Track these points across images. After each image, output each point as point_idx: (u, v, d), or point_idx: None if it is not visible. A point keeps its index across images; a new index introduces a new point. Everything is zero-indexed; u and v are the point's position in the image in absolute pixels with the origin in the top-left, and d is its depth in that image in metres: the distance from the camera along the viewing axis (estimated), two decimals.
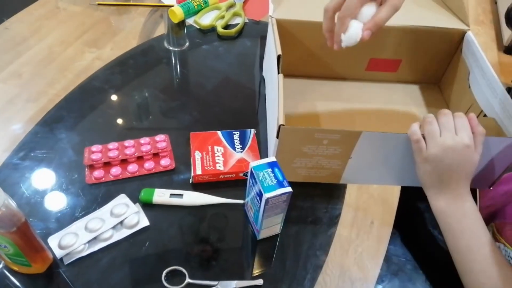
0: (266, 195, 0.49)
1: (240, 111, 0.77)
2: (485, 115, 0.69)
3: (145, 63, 0.86)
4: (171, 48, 0.91)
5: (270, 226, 0.56)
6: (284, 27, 0.74)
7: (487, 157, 0.60)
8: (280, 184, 0.50)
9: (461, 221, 0.55)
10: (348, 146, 0.59)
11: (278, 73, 0.64)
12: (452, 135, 0.53)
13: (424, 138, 0.55)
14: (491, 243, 0.52)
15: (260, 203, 0.51)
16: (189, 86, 0.83)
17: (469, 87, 0.73)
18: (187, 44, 0.92)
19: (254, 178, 0.52)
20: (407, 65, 0.83)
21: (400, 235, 0.64)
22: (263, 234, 0.57)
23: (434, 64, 0.83)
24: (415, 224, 0.68)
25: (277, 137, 0.57)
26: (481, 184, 0.67)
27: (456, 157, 0.54)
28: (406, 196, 0.66)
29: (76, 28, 0.92)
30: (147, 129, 0.72)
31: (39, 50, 0.86)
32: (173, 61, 0.88)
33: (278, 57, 0.64)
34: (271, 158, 0.53)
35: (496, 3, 1.48)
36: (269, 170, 0.51)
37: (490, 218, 0.66)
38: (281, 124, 0.55)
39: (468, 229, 0.54)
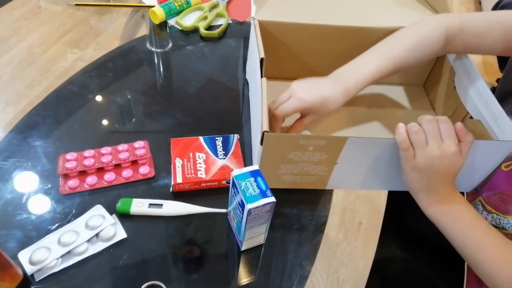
0: (249, 206, 0.47)
1: (224, 115, 0.75)
2: (471, 117, 0.68)
3: (125, 66, 0.83)
4: (153, 49, 0.88)
5: (253, 237, 0.54)
6: (267, 29, 0.72)
7: (474, 160, 0.59)
8: (263, 194, 0.48)
9: (458, 219, 0.55)
10: (334, 152, 0.57)
11: (262, 76, 0.62)
12: (439, 143, 0.52)
13: (411, 145, 0.54)
14: (492, 228, 0.53)
15: (243, 214, 0.49)
16: (170, 89, 0.80)
17: (454, 88, 0.73)
18: (170, 45, 0.89)
19: (236, 188, 0.49)
20: None
21: (389, 234, 0.63)
22: (246, 244, 0.55)
23: (419, 66, 0.81)
24: (403, 221, 0.67)
25: (261, 143, 0.55)
26: (467, 187, 0.66)
27: (444, 163, 0.53)
28: (394, 197, 0.65)
29: (58, 29, 0.89)
30: (126, 135, 0.69)
31: (19, 51, 0.83)
32: (155, 63, 0.85)
33: (261, 60, 0.62)
34: (254, 167, 0.51)
35: (480, 3, 1.49)
36: (252, 179, 0.49)
37: (476, 193, 0.66)
38: (265, 131, 0.53)
39: (467, 224, 0.54)
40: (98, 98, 0.75)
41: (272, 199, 0.48)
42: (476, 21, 0.62)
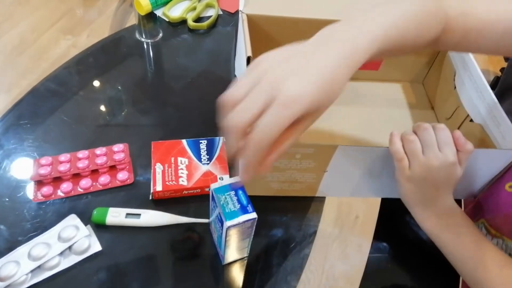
0: (228, 223, 0.43)
1: (211, 115, 0.70)
2: (471, 120, 0.64)
3: (108, 60, 0.78)
4: (143, 39, 0.83)
5: (235, 251, 0.51)
6: (256, 23, 0.68)
7: (473, 168, 0.56)
8: (244, 210, 0.44)
9: (457, 235, 0.52)
10: (323, 160, 0.54)
11: None
12: (436, 153, 0.48)
13: (406, 155, 0.50)
14: (493, 245, 0.50)
15: (222, 230, 0.45)
16: (155, 87, 0.76)
17: (455, 88, 0.68)
18: (161, 35, 0.85)
19: (215, 202, 0.46)
20: (389, 63, 0.77)
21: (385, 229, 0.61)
22: (228, 258, 0.52)
23: (418, 62, 0.77)
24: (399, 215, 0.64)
25: None
26: (466, 194, 0.62)
27: (441, 175, 0.49)
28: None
29: (51, 15, 0.84)
30: (105, 137, 0.65)
31: (11, 38, 0.79)
32: (140, 57, 0.81)
33: (248, 59, 0.58)
34: (235, 179, 0.47)
35: None
36: (232, 193, 0.46)
37: (478, 214, 0.63)
38: None
39: (467, 241, 0.51)
40: (76, 97, 0.71)
41: (253, 215, 0.44)
42: (481, 6, 0.48)
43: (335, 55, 0.37)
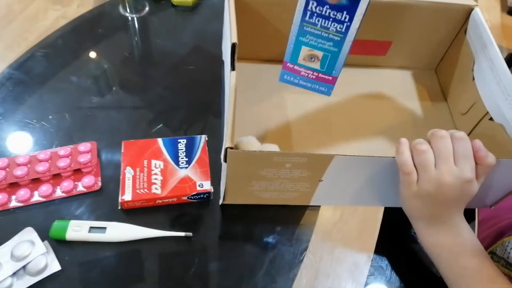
0: None
1: (193, 108, 0.63)
2: (491, 119, 0.55)
3: (78, 44, 0.69)
4: (127, 14, 0.74)
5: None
6: (244, 2, 0.58)
7: (491, 178, 0.48)
8: None
9: (460, 258, 0.44)
10: (317, 169, 0.46)
11: (232, 69, 0.49)
12: (451, 167, 0.40)
13: (415, 167, 0.42)
14: (499, 275, 0.43)
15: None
16: (130, 74, 0.67)
17: (473, 79, 0.60)
18: (147, 8, 0.76)
19: None
20: (398, 48, 0.68)
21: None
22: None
23: (431, 47, 0.68)
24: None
25: (225, 161, 0.43)
26: (481, 204, 0.55)
27: (454, 192, 0.41)
28: None
29: None
30: (71, 133, 0.57)
31: None
32: (118, 37, 0.71)
33: (233, 46, 0.49)
34: None
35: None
36: None
37: (499, 234, 0.57)
38: (228, 147, 0.41)
39: (471, 266, 0.44)
40: (41, 87, 0.62)
41: None
42: None
43: None
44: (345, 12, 0.38)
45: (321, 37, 0.40)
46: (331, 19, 0.38)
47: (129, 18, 0.75)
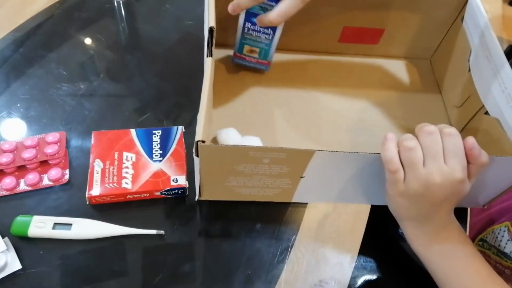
0: None
1: (173, 97, 0.59)
2: (486, 112, 0.52)
3: (52, 29, 0.65)
4: None
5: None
6: None
7: (485, 176, 0.45)
8: None
9: (452, 259, 0.42)
10: (298, 165, 0.43)
11: (209, 55, 0.45)
12: (440, 166, 0.37)
13: (402, 164, 0.39)
14: (492, 274, 0.41)
15: None
16: (106, 59, 0.63)
17: (469, 70, 0.56)
18: None
19: None
20: (391, 36, 0.64)
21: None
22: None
23: (426, 35, 0.64)
24: None
25: (197, 155, 0.40)
26: (473, 203, 0.52)
27: (442, 192, 0.38)
28: None
29: None
30: (36, 124, 0.53)
31: None
32: (98, 21, 0.67)
33: (210, 30, 0.45)
34: None
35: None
36: None
37: (490, 221, 0.56)
38: (198, 140, 0.38)
39: (463, 268, 0.42)
40: (8, 74, 0.59)
41: None
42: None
43: None
44: (269, 29, 0.54)
45: (256, 41, 0.56)
46: (261, 32, 0.55)
47: (115, 2, 0.70)
